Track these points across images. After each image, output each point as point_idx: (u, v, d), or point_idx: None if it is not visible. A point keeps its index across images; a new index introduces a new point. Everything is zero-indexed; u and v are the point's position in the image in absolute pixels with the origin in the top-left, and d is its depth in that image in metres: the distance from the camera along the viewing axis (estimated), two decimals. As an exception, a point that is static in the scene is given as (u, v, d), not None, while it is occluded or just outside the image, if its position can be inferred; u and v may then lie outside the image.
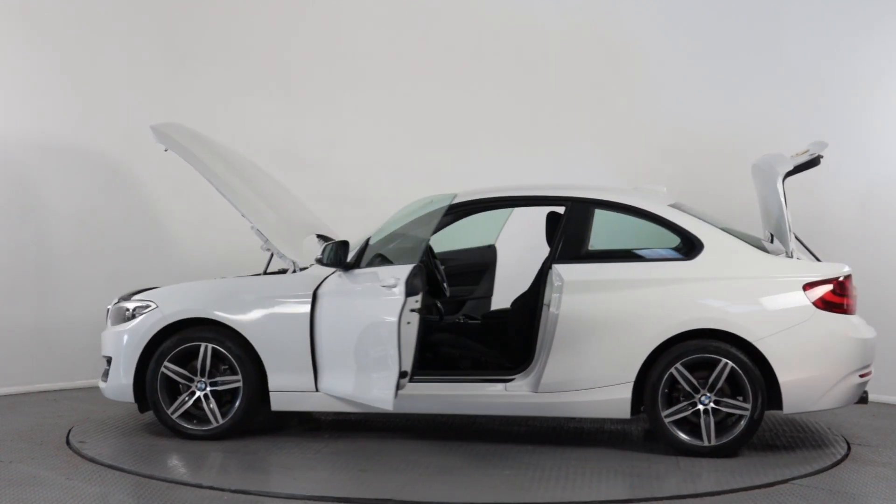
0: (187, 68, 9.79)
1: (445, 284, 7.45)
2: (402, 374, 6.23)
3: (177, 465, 6.44)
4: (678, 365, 6.59)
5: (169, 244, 9.71)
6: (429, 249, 7.48)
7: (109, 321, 7.33)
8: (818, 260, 7.12)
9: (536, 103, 10.12)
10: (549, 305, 6.75)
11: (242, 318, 6.92)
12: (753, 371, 6.53)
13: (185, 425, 6.99)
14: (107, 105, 9.35)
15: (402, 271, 6.29)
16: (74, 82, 9.21)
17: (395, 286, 6.27)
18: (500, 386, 6.81)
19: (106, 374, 7.26)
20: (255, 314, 6.91)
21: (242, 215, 7.10)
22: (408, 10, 10.42)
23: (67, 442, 6.96)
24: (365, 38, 10.36)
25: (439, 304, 7.68)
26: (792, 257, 6.80)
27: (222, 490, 5.81)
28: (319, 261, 6.87)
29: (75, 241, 9.15)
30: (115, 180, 9.36)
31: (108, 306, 7.44)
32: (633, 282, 6.74)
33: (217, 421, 6.95)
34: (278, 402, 6.89)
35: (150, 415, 7.86)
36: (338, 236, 7.75)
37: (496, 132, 10.17)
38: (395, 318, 6.15)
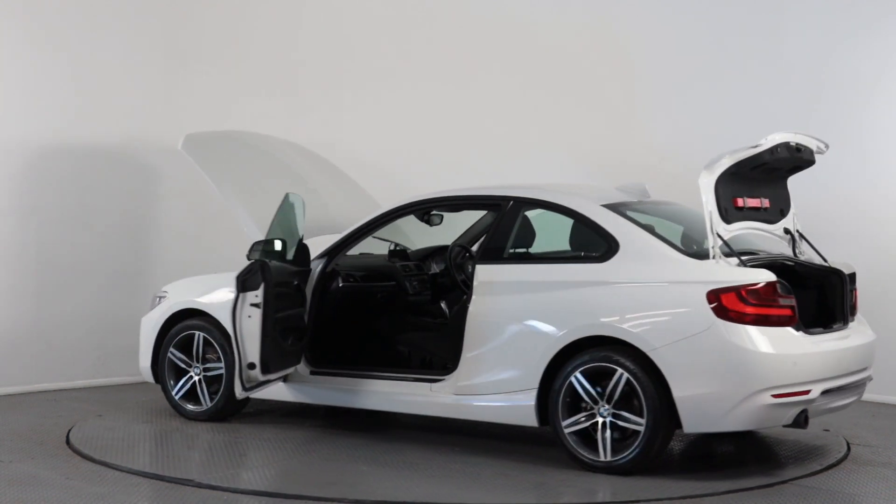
0: (188, 68, 9.79)
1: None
2: (251, 366, 6.70)
3: (177, 464, 6.43)
4: (577, 373, 6.19)
5: (169, 244, 9.71)
6: (400, 253, 7.88)
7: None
8: (825, 261, 6.85)
9: (536, 103, 10.12)
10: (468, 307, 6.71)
11: (220, 309, 7.34)
12: (648, 384, 6.04)
13: (186, 406, 7.59)
14: (107, 105, 9.35)
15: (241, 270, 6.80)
16: (75, 82, 9.20)
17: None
18: (426, 386, 6.79)
19: None
20: (228, 305, 7.13)
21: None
22: (409, 11, 10.42)
23: (67, 442, 6.96)
24: (366, 38, 10.37)
25: (443, 306, 7.75)
26: (714, 260, 6.15)
27: (222, 490, 5.80)
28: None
29: (75, 241, 9.14)
30: (115, 180, 9.35)
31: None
32: (540, 284, 6.48)
33: (206, 404, 7.47)
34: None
35: (149, 415, 7.88)
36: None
37: (496, 132, 10.17)
38: (231, 316, 6.77)
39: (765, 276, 6.04)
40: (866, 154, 9.00)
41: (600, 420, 6.13)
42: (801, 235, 6.96)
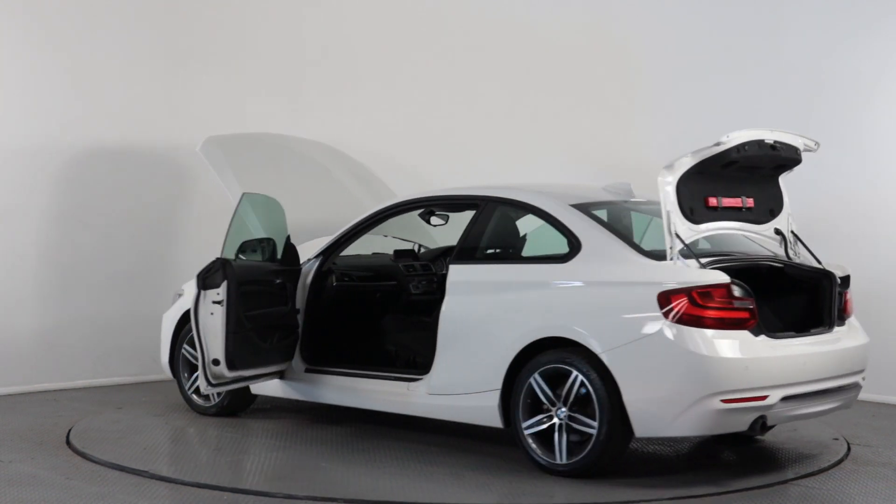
0: (188, 69, 9.78)
1: None
2: (215, 362, 6.77)
3: (177, 465, 6.43)
4: (536, 375, 6.15)
5: (170, 244, 9.71)
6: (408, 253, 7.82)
7: None
8: (819, 263, 6.67)
9: (536, 103, 10.12)
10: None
11: None
12: (600, 386, 5.94)
13: (195, 401, 7.78)
14: (107, 105, 9.35)
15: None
16: (75, 82, 9.20)
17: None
18: (404, 385, 6.82)
19: None
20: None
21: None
22: (408, 11, 10.42)
23: (67, 442, 6.96)
24: (365, 38, 10.37)
25: None
26: (672, 261, 6.00)
27: (222, 490, 5.81)
28: None
29: (75, 241, 9.14)
30: (115, 180, 9.35)
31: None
32: (506, 284, 6.47)
33: (214, 399, 7.67)
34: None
35: (149, 415, 7.88)
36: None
37: (496, 132, 10.18)
38: (192, 313, 6.82)
39: (717, 278, 5.87)
40: (866, 154, 9.00)
41: (557, 422, 6.08)
42: (796, 236, 6.81)
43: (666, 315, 5.81)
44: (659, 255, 6.08)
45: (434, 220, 7.64)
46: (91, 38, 9.28)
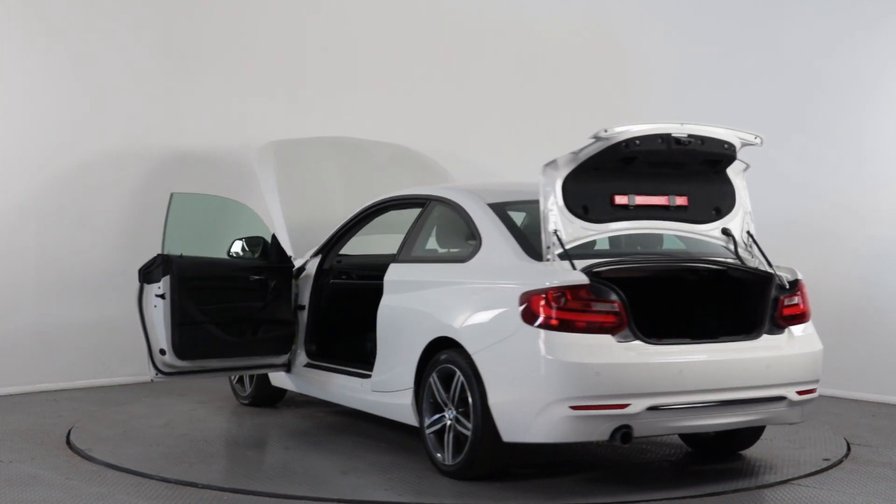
0: (188, 69, 9.78)
1: None
2: (161, 352, 6.88)
3: (177, 464, 6.43)
4: (434, 374, 6.12)
5: (169, 244, 9.71)
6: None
7: None
8: (769, 264, 6.27)
9: (535, 103, 10.13)
10: None
11: None
12: (474, 387, 5.82)
13: (236, 390, 8.29)
14: (107, 105, 9.35)
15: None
16: (74, 83, 9.20)
17: None
18: (359, 381, 6.88)
19: None
20: None
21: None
22: (408, 11, 10.42)
23: (67, 442, 6.96)
24: (365, 38, 10.37)
25: None
26: (549, 262, 5.81)
27: (222, 490, 5.81)
28: None
29: (75, 241, 9.14)
30: (115, 180, 9.35)
31: None
32: (421, 283, 6.48)
33: (247, 389, 8.12)
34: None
35: (148, 414, 7.88)
36: None
37: (496, 131, 10.18)
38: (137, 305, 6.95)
39: (574, 279, 5.64)
40: (865, 154, 9.00)
41: (447, 423, 6.05)
42: (751, 237, 6.38)
43: (523, 316, 5.65)
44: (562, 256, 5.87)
45: None
46: (92, 38, 9.28)
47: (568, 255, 5.79)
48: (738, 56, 9.57)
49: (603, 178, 5.98)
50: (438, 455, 6.09)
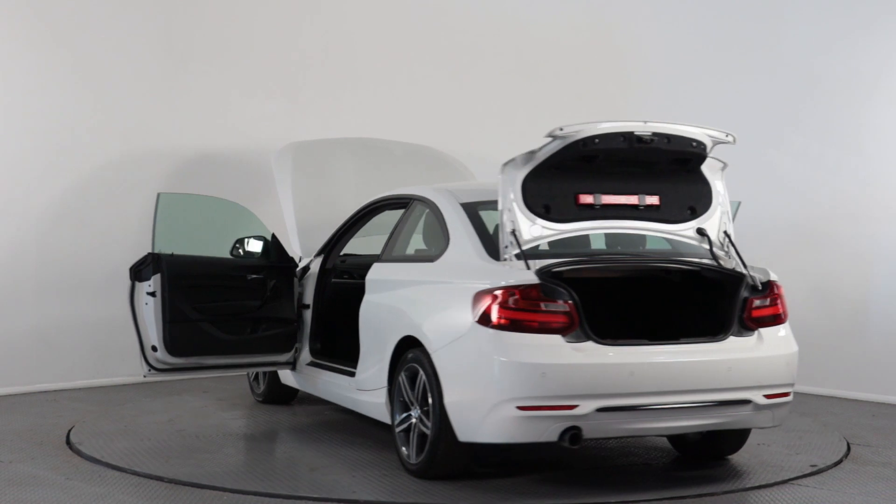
0: (188, 69, 9.78)
1: None
2: (153, 349, 6.96)
3: (177, 465, 6.43)
4: (402, 373, 6.14)
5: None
6: None
7: None
8: (744, 264, 6.12)
9: (535, 103, 10.13)
10: None
11: None
12: (434, 386, 5.81)
13: (253, 390, 8.46)
14: (107, 105, 9.35)
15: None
16: (74, 82, 9.20)
17: None
18: (347, 380, 6.92)
19: None
20: None
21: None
22: (407, 11, 10.42)
23: (67, 442, 6.96)
24: (365, 38, 10.37)
25: None
26: (507, 261, 5.78)
27: (222, 490, 5.81)
28: None
29: (75, 241, 9.14)
30: (115, 180, 9.35)
31: None
32: (395, 283, 6.52)
33: (260, 387, 8.32)
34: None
35: (150, 414, 7.88)
36: None
37: (496, 131, 10.17)
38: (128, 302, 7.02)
39: (523, 279, 5.60)
40: (865, 154, 9.00)
41: (413, 421, 6.05)
42: (728, 237, 6.24)
43: (475, 316, 5.63)
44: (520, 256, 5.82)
45: None
46: (92, 38, 9.28)
47: (524, 255, 5.74)
48: (737, 56, 9.57)
49: (566, 177, 5.92)
50: (405, 453, 6.11)
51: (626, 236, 6.44)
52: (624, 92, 10.02)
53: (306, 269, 7.60)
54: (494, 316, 5.57)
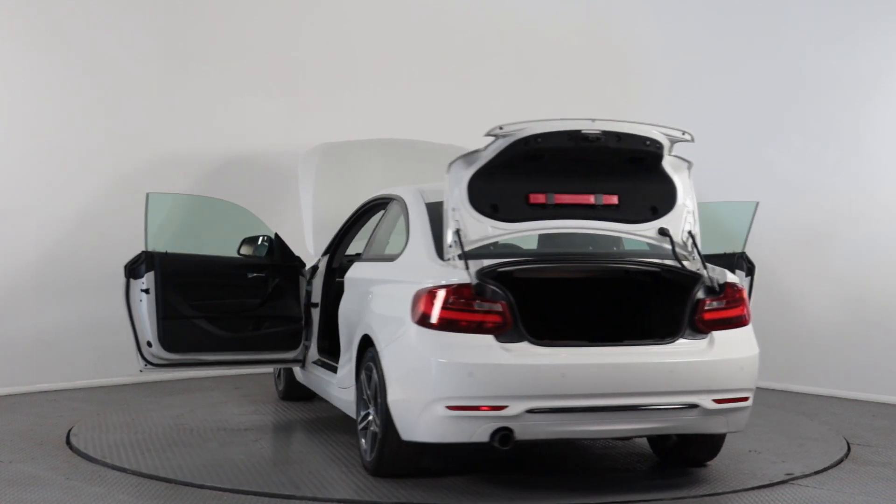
0: (187, 69, 9.78)
1: None
2: (148, 344, 7.03)
3: (177, 465, 6.43)
4: (363, 371, 6.16)
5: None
6: None
7: None
8: (704, 266, 5.96)
9: (536, 103, 10.12)
10: None
11: None
12: (382, 384, 5.84)
13: (277, 386, 8.69)
14: (107, 105, 9.34)
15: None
16: (73, 82, 9.20)
17: None
18: (332, 376, 6.97)
19: None
20: None
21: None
22: (407, 11, 10.42)
23: (67, 442, 6.97)
24: (364, 38, 10.37)
25: None
26: (449, 261, 5.76)
27: (222, 490, 5.81)
28: None
29: (75, 241, 9.14)
30: (115, 180, 9.35)
31: None
32: (363, 282, 6.58)
33: (281, 384, 8.56)
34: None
35: (150, 415, 7.88)
36: None
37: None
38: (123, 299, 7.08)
39: (455, 278, 5.59)
40: (865, 154, 8.99)
41: (371, 419, 6.06)
42: (692, 237, 6.08)
43: (413, 315, 5.63)
44: (464, 255, 5.75)
45: None
46: (92, 39, 9.28)
47: (465, 255, 5.70)
48: (737, 56, 9.57)
49: (516, 176, 5.85)
50: (363, 450, 6.16)
51: (601, 237, 6.36)
52: (624, 92, 10.02)
53: (316, 267, 7.63)
54: (429, 315, 5.57)
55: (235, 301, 7.41)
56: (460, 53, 10.50)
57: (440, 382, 5.49)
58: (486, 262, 5.74)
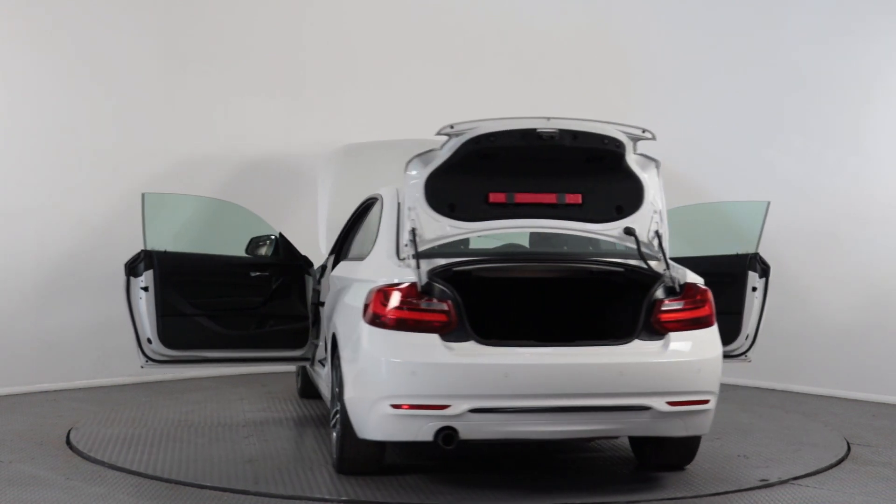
0: (188, 69, 9.79)
1: None
2: (149, 341, 7.01)
3: (177, 465, 6.43)
4: (333, 369, 6.19)
5: (169, 244, 9.72)
6: None
7: None
8: (667, 266, 5.87)
9: (536, 103, 10.11)
10: None
11: None
12: (340, 382, 5.89)
13: (296, 384, 8.80)
14: (108, 106, 9.35)
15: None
16: (75, 82, 9.20)
17: None
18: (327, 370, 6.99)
19: None
20: None
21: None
22: (407, 11, 10.42)
23: (67, 442, 6.97)
24: (364, 38, 10.37)
25: None
26: (404, 261, 5.80)
27: (222, 490, 5.81)
28: None
29: (75, 241, 9.15)
30: (115, 180, 9.35)
31: None
32: (337, 280, 6.62)
33: (298, 383, 8.74)
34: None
35: (150, 415, 7.88)
36: None
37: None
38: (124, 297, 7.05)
39: (405, 278, 5.59)
40: (865, 154, 8.99)
41: (338, 417, 6.06)
42: (658, 237, 5.99)
43: (364, 314, 5.66)
44: (421, 255, 5.75)
45: None
46: (92, 39, 9.28)
47: (418, 255, 5.70)
48: (737, 56, 9.57)
49: (474, 175, 5.82)
50: (333, 448, 6.20)
51: (576, 237, 6.28)
52: (624, 92, 10.02)
53: (324, 266, 7.64)
54: (379, 315, 5.59)
55: (238, 299, 7.44)
56: (460, 53, 10.50)
57: (385, 381, 5.53)
58: (440, 262, 5.72)
